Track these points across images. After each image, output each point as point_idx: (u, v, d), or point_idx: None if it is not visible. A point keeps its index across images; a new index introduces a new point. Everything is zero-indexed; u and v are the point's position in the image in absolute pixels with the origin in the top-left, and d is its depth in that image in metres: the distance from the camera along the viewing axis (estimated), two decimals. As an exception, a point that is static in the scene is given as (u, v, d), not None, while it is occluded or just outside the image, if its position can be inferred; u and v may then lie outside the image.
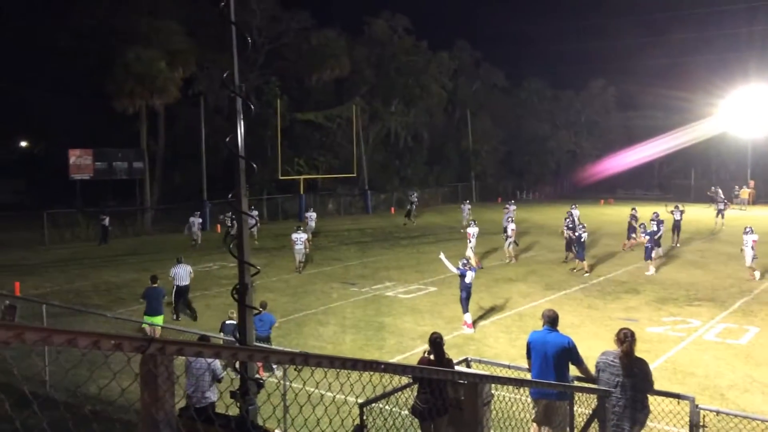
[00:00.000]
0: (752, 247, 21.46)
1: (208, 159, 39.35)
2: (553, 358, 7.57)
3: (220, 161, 39.91)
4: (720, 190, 44.27)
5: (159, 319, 14.48)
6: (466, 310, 15.53)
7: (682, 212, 28.59)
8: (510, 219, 27.14)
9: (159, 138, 42.19)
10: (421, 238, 32.67)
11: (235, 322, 13.37)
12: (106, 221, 32.03)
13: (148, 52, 36.25)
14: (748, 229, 22.21)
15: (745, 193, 50.13)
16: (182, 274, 16.84)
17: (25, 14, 43.18)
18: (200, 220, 31.24)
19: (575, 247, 23.26)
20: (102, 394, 8.41)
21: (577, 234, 23.26)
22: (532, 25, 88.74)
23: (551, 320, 7.87)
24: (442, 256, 16.40)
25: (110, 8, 39.38)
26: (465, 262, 16.17)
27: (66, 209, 35.16)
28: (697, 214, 42.94)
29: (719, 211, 36.04)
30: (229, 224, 28.94)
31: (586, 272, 22.39)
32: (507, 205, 33.37)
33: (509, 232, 25.49)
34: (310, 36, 48.24)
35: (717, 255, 26.22)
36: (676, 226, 28.35)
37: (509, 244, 25.55)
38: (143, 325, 14.26)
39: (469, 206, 36.94)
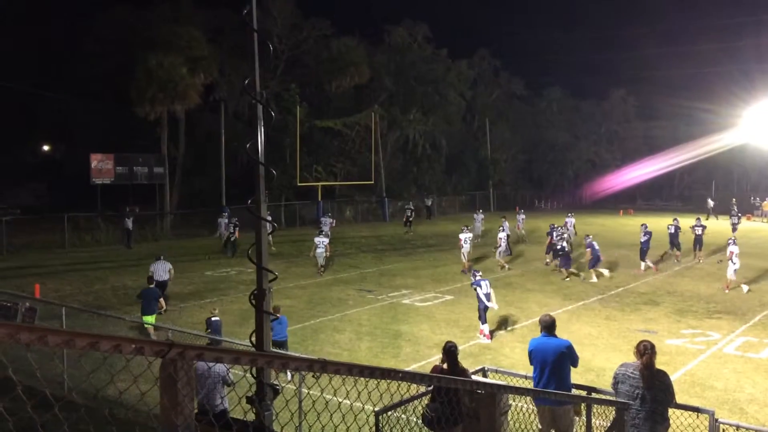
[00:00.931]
0: (731, 260, 21.56)
1: (227, 165, 39.58)
2: (554, 363, 7.63)
3: (239, 167, 40.19)
4: (735, 205, 44.02)
5: (151, 318, 15.00)
6: (483, 320, 15.52)
7: (703, 227, 27.99)
8: (502, 228, 27.16)
9: (179, 144, 42.53)
10: (438, 246, 32.62)
11: (218, 319, 13.86)
12: (129, 224, 32.27)
13: (170, 59, 36.59)
14: (730, 241, 22.80)
15: (766, 205, 49.54)
16: (160, 270, 17.91)
17: (49, 20, 43.85)
18: (226, 221, 31.29)
19: (559, 254, 23.83)
20: (122, 398, 8.47)
21: (556, 242, 24.25)
22: (552, 34, 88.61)
23: (548, 326, 7.93)
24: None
25: (133, 14, 39.88)
26: (475, 273, 16.55)
27: (87, 213, 35.48)
28: (716, 226, 42.50)
29: (733, 225, 35.55)
30: (231, 230, 28.89)
31: (566, 278, 23.16)
32: (515, 215, 33.28)
33: (498, 242, 26.05)
34: (330, 43, 48.51)
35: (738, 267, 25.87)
36: (698, 241, 27.84)
37: (499, 254, 25.99)
38: (146, 325, 14.59)
39: (483, 216, 36.26)
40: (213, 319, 13.69)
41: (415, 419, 6.88)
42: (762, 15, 63.75)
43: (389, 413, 6.35)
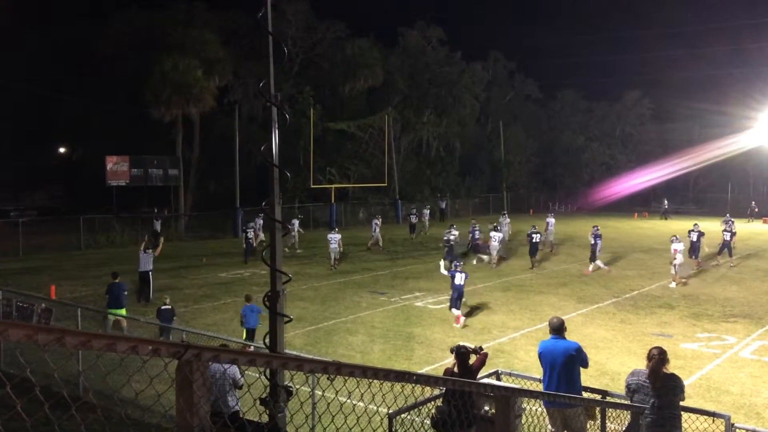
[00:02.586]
0: (674, 256, 22.60)
1: (241, 167, 39.76)
2: (563, 366, 7.60)
3: (253, 169, 40.32)
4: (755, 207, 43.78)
5: (122, 311, 15.41)
6: (455, 307, 17.11)
7: (699, 234, 26.65)
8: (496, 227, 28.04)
9: (194, 146, 42.76)
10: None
11: (169, 307, 14.56)
12: (158, 226, 32.46)
13: (185, 61, 36.81)
14: (674, 238, 23.67)
15: None
16: (142, 260, 19.49)
17: (66, 22, 44.23)
18: (261, 222, 31.29)
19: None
20: (137, 399, 8.52)
21: (530, 237, 26.45)
22: (566, 36, 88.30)
23: (557, 328, 7.92)
24: (441, 263, 18.02)
25: (148, 17, 40.17)
26: (457, 264, 18.07)
27: (102, 215, 35.76)
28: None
29: (725, 232, 34.13)
30: (251, 236, 28.27)
31: (531, 267, 25.81)
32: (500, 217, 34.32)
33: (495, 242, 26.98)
34: (344, 46, 48.61)
35: (754, 271, 25.70)
36: (725, 245, 27.18)
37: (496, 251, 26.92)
38: (114, 318, 14.90)
39: (509, 220, 35.14)
40: (164, 308, 14.47)
41: (428, 422, 6.87)
42: (778, 16, 63.19)
43: (403, 416, 6.35)
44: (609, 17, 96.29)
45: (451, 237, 25.91)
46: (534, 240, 26.49)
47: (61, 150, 53.41)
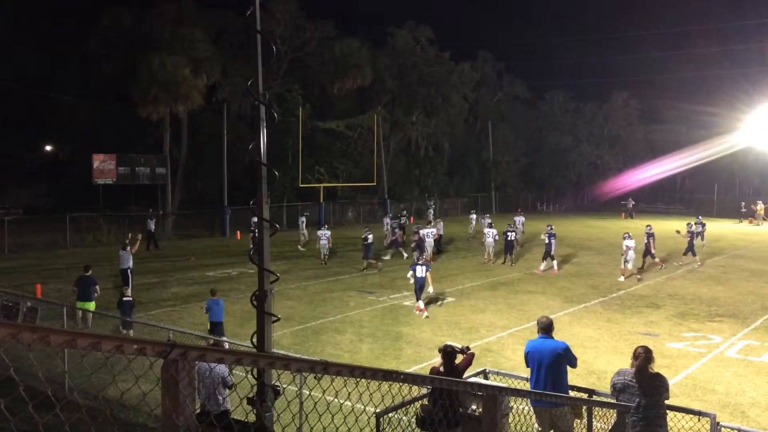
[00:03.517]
0: (626, 252, 23.56)
1: (229, 166, 39.64)
2: (550, 365, 7.64)
3: (241, 168, 40.21)
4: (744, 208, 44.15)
5: (91, 305, 15.57)
6: (418, 298, 18.27)
7: (650, 234, 26.23)
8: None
9: (182, 144, 42.57)
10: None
11: (129, 299, 14.91)
12: (152, 225, 32.24)
13: (173, 60, 36.63)
14: (626, 235, 24.34)
15: (761, 209, 49.63)
16: (122, 258, 20.04)
17: (53, 20, 43.92)
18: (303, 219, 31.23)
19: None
20: (123, 399, 8.48)
21: (505, 234, 27.47)
22: (555, 37, 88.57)
23: (545, 327, 7.95)
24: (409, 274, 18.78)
25: (136, 15, 39.93)
26: (419, 258, 19.26)
27: (89, 213, 35.54)
28: (721, 230, 42.49)
29: (697, 233, 33.87)
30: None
31: (503, 263, 26.92)
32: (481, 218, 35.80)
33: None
34: (333, 45, 48.50)
35: (740, 271, 25.90)
36: (690, 246, 27.34)
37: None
38: (82, 311, 15.15)
39: (523, 218, 36.77)
40: (124, 299, 14.87)
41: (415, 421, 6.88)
42: (765, 18, 63.69)
43: (390, 415, 6.35)
44: (598, 19, 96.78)
45: (369, 237, 26.54)
46: (509, 238, 27.45)
47: (48, 148, 52.98)
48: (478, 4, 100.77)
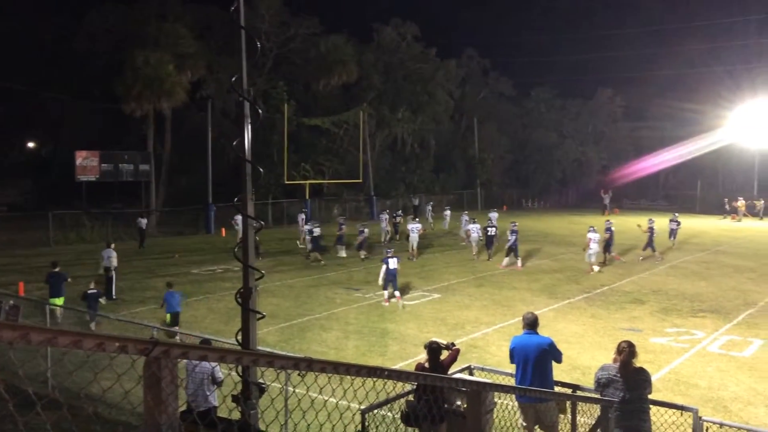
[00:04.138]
0: (590, 246, 24.52)
1: (214, 163, 39.46)
2: (535, 361, 7.69)
3: (226, 165, 40.01)
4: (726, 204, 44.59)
5: (60, 301, 15.62)
6: (386, 288, 19.01)
7: (609, 230, 27.20)
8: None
9: (165, 141, 42.32)
10: (425, 245, 32.61)
11: (95, 291, 14.96)
12: (143, 223, 31.99)
13: (157, 56, 36.39)
14: (591, 229, 25.25)
15: (742, 205, 50.23)
16: (104, 256, 19.87)
17: (38, 17, 43.49)
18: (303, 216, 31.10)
19: (489, 244, 27.20)
20: (105, 397, 8.43)
21: (486, 230, 28.27)
22: (540, 34, 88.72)
23: (531, 323, 8.02)
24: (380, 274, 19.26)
25: (120, 12, 39.64)
26: (388, 251, 19.72)
27: (71, 210, 35.26)
28: (703, 226, 42.87)
29: (672, 231, 33.09)
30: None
31: (487, 260, 27.24)
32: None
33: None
34: (318, 42, 48.35)
35: (722, 267, 26.15)
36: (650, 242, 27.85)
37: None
38: (53, 307, 15.03)
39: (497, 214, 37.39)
40: (89, 292, 15.02)
41: (400, 417, 6.89)
42: (747, 16, 64.15)
43: (375, 411, 6.36)
44: (582, 16, 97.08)
45: (315, 230, 27.46)
46: (489, 233, 28.11)
47: (31, 145, 52.51)
48: (463, 1, 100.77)
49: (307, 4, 57.27)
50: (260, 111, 4.53)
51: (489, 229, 28.24)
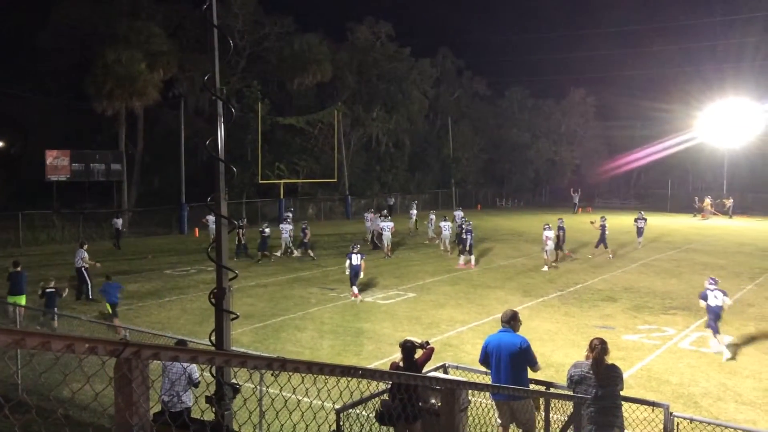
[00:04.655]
0: (546, 242, 25.33)
1: (187, 162, 39.12)
2: (508, 359, 7.68)
3: (199, 164, 39.72)
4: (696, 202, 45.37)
5: (22, 299, 15.48)
6: (352, 284, 19.73)
7: (560, 228, 27.53)
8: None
9: (138, 140, 41.88)
10: (401, 243, 32.69)
11: (54, 290, 14.98)
12: (119, 224, 31.52)
13: (128, 54, 35.99)
14: (546, 226, 25.92)
15: (708, 204, 51.16)
16: (76, 256, 19.79)
17: (5, 14, 42.69)
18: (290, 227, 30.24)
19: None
20: (75, 399, 8.32)
21: (459, 228, 28.53)
22: (514, 34, 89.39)
23: (507, 320, 8.00)
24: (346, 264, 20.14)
25: (90, 9, 39.10)
26: (354, 246, 20.47)
27: (42, 210, 34.73)
28: (674, 224, 43.49)
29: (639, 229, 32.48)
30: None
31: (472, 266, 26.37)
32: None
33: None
34: (292, 40, 48.20)
35: (693, 264, 26.53)
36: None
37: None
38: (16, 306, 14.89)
39: (416, 211, 39.28)
40: (48, 290, 14.97)
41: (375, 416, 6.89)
42: (716, 17, 65.18)
43: (349, 411, 6.35)
44: (556, 16, 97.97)
45: (266, 231, 27.81)
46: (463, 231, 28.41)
47: (-1, 144, 51.60)
48: (438, 0, 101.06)
49: (281, 3, 57.29)
50: (233, 110, 4.51)
51: (462, 227, 28.43)
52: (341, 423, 6.21)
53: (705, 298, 14.47)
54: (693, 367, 13.10)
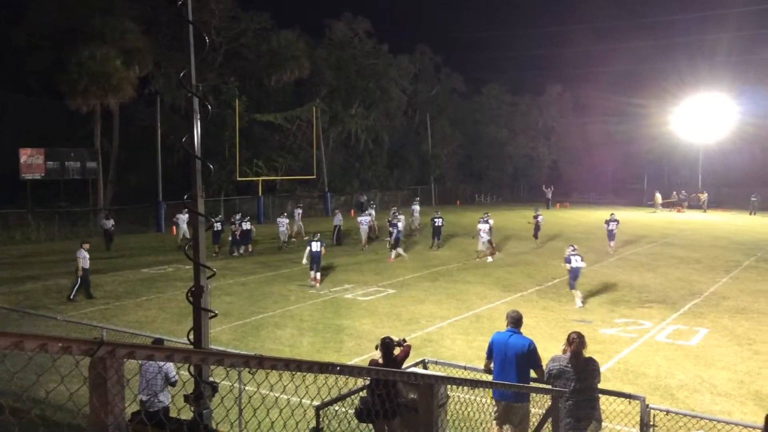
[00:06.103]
0: (480, 234, 26.35)
1: (164, 159, 38.80)
2: (514, 360, 7.62)
3: (176, 162, 39.38)
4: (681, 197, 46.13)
5: None
6: (312, 269, 20.93)
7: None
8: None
9: (113, 138, 41.43)
10: (380, 240, 32.68)
11: None
12: (109, 225, 30.41)
13: (103, 50, 35.56)
14: (481, 220, 27.11)
15: (658, 198, 52.12)
16: (79, 256, 19.19)
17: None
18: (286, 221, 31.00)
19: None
20: (50, 399, 8.23)
21: (432, 221, 29.92)
22: (491, 31, 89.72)
23: (515, 322, 7.91)
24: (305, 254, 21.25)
25: (64, 5, 38.55)
26: (315, 235, 21.41)
27: (16, 210, 34.25)
28: (650, 219, 43.98)
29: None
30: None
31: (431, 248, 29.00)
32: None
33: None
34: (269, 37, 47.93)
35: (668, 258, 26.84)
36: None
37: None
38: None
39: (419, 207, 38.52)
40: None
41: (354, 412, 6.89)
42: (692, 13, 66.07)
43: (329, 408, 6.35)
44: (532, 13, 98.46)
45: (217, 225, 27.91)
46: (437, 224, 29.73)
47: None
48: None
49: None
50: (209, 107, 4.48)
51: (436, 220, 29.73)
52: (321, 420, 6.21)
53: (569, 261, 18.09)
54: (669, 360, 13.26)
